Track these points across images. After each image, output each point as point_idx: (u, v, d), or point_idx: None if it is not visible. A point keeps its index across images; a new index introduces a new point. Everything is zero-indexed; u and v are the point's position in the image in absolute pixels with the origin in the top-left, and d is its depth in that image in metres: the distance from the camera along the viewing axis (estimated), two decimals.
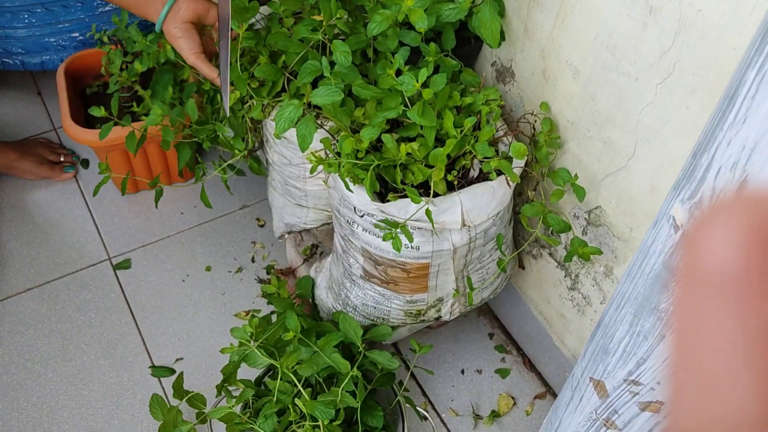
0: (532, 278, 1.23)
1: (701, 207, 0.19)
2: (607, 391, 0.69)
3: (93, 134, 1.37)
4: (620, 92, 0.86)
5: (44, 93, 1.75)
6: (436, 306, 1.10)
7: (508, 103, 1.09)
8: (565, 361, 1.23)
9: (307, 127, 0.91)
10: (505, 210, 1.01)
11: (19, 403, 1.24)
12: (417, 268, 1.02)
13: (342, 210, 1.02)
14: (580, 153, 0.97)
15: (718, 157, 0.48)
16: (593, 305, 1.09)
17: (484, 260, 1.07)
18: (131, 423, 1.23)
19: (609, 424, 0.71)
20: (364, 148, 0.93)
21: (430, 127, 0.91)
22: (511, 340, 1.38)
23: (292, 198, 1.24)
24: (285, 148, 1.14)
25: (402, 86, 0.90)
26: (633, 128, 0.86)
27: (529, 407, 1.29)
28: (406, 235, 0.90)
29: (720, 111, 0.49)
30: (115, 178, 1.52)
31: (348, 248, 1.06)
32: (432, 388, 1.31)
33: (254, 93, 1.01)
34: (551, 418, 0.88)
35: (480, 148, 0.93)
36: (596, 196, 0.98)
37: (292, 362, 1.02)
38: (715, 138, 0.49)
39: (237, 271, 1.44)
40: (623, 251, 0.97)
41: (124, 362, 1.30)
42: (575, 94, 0.94)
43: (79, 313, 1.36)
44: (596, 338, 0.71)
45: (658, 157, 0.85)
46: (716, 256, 0.18)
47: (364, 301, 1.10)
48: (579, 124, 0.95)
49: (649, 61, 0.81)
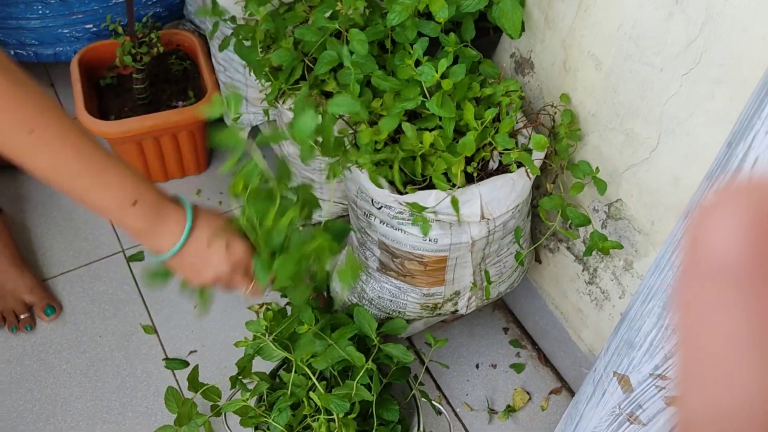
0: (549, 272, 1.22)
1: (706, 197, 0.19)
2: (631, 386, 0.68)
3: (107, 126, 1.36)
4: (644, 83, 0.85)
5: (57, 85, 1.74)
6: (452, 299, 1.09)
7: (527, 95, 1.08)
8: (581, 355, 1.22)
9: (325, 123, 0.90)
10: (524, 203, 1.00)
11: (33, 394, 1.24)
12: (434, 261, 1.01)
13: (359, 202, 1.01)
14: (601, 145, 0.96)
15: (755, 147, 0.47)
16: (612, 300, 1.08)
17: (501, 254, 1.06)
18: (145, 415, 1.23)
19: (633, 419, 0.70)
20: (382, 140, 0.92)
21: (450, 118, 0.90)
22: (526, 334, 1.37)
23: None
24: None
25: (421, 77, 0.89)
26: (657, 119, 0.85)
27: (545, 402, 1.28)
28: (434, 223, 0.90)
29: (757, 99, 0.48)
30: None
31: (365, 241, 1.06)
32: (446, 382, 1.30)
33: (272, 77, 1.00)
34: (571, 413, 0.87)
35: (500, 139, 0.92)
36: (617, 189, 0.96)
37: (306, 355, 1.01)
38: (752, 126, 0.48)
39: None
40: (644, 245, 0.96)
41: (138, 354, 1.30)
42: (597, 85, 0.92)
43: (92, 305, 1.36)
44: (620, 332, 0.70)
45: (682, 149, 0.83)
46: (722, 245, 0.18)
47: (380, 294, 1.09)
48: (600, 115, 0.94)
49: (674, 51, 0.79)
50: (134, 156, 1.45)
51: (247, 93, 1.37)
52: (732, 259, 0.18)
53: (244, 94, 1.38)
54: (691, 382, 0.20)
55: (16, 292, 1.31)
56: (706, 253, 0.18)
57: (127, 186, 0.71)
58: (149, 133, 1.40)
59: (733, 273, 0.18)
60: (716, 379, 0.19)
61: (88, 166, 0.69)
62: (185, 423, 1.04)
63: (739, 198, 0.18)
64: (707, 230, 0.18)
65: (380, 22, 0.99)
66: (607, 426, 0.76)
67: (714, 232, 0.18)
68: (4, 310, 1.31)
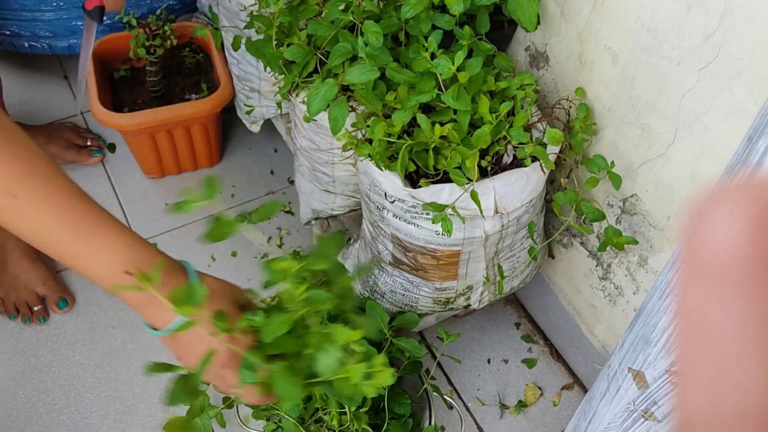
0: (562, 268, 1.21)
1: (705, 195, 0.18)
2: (647, 382, 0.68)
3: (120, 118, 1.37)
4: (661, 76, 0.84)
5: (71, 77, 1.75)
6: (465, 294, 1.09)
7: (542, 88, 1.07)
8: (594, 351, 1.22)
9: (339, 110, 0.90)
10: (538, 197, 0.99)
11: (47, 385, 1.25)
12: (447, 255, 1.01)
13: (372, 196, 1.00)
14: (617, 140, 0.95)
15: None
16: (625, 295, 1.07)
17: (515, 248, 1.05)
18: (157, 406, 1.23)
19: (648, 415, 0.70)
20: (395, 132, 0.92)
21: (465, 111, 0.90)
22: (538, 330, 1.37)
23: (320, 184, 1.23)
24: (314, 132, 1.12)
25: (437, 69, 0.88)
26: (674, 114, 0.84)
27: (557, 398, 1.28)
28: (459, 216, 0.90)
29: None
30: (141, 161, 1.52)
31: (377, 234, 1.05)
32: (458, 377, 1.30)
33: (285, 70, 1.00)
34: (584, 409, 0.86)
35: (515, 133, 0.91)
36: (632, 184, 0.95)
37: None
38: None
39: (262, 257, 1.44)
40: (659, 241, 0.95)
41: (151, 346, 1.30)
42: (613, 78, 0.91)
43: (105, 297, 1.36)
44: (636, 328, 0.69)
45: (699, 144, 0.83)
46: (721, 243, 0.18)
47: (392, 288, 1.09)
48: (616, 109, 0.93)
49: (692, 45, 0.79)
50: (147, 148, 1.46)
51: (260, 86, 1.37)
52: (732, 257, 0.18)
53: (257, 87, 1.38)
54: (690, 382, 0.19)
55: (29, 284, 1.32)
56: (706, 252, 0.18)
57: (119, 254, 0.63)
58: (162, 126, 1.40)
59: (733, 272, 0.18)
60: (716, 379, 0.18)
61: (75, 232, 0.62)
62: (198, 415, 1.04)
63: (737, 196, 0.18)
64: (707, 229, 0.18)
65: (394, 15, 0.98)
66: (621, 422, 0.75)
67: (714, 230, 0.18)
68: (18, 301, 1.32)
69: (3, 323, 1.32)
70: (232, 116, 1.55)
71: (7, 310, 1.31)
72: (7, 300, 1.32)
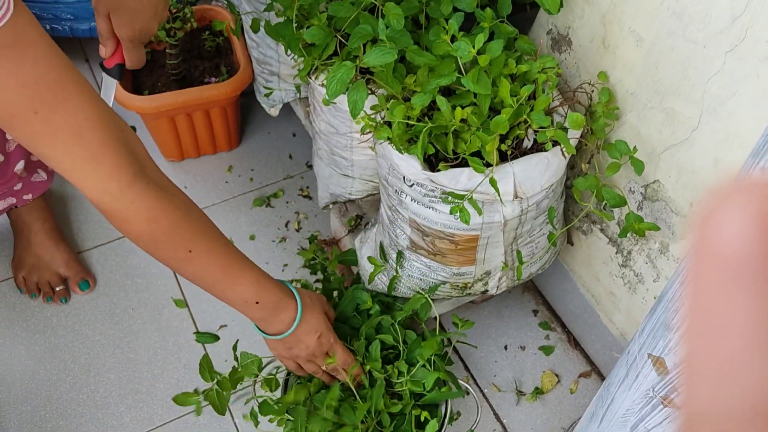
0: (581, 254, 1.20)
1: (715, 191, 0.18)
2: (667, 368, 0.67)
3: (140, 101, 1.37)
4: (686, 60, 0.82)
5: (92, 60, 1.76)
6: (483, 279, 1.08)
7: (564, 72, 1.06)
8: (612, 339, 1.21)
9: (358, 93, 0.90)
10: (558, 182, 0.98)
11: (67, 364, 1.26)
12: (466, 240, 1.00)
13: (390, 179, 1.00)
14: (639, 125, 0.94)
15: None
16: (645, 283, 1.06)
17: (534, 234, 1.05)
18: (176, 387, 1.24)
19: (667, 401, 0.69)
20: (415, 115, 0.91)
21: (485, 95, 0.89)
22: (556, 317, 1.36)
23: (338, 168, 1.23)
24: (332, 116, 1.12)
25: (457, 52, 0.87)
26: (698, 98, 0.83)
27: (574, 385, 1.27)
28: (475, 207, 0.89)
29: None
30: (160, 144, 1.52)
31: (395, 219, 1.05)
32: (474, 363, 1.30)
33: (305, 53, 1.00)
34: (602, 396, 0.86)
35: (536, 117, 0.90)
36: (654, 170, 0.94)
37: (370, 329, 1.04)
38: None
39: (281, 241, 1.44)
40: (681, 227, 0.94)
41: (170, 327, 1.31)
42: (637, 62, 0.90)
43: (126, 278, 1.38)
44: (657, 314, 0.68)
45: (724, 129, 0.81)
46: (730, 240, 0.18)
47: (409, 272, 1.09)
48: (639, 94, 0.92)
49: (718, 27, 0.77)
50: (167, 131, 1.46)
51: (279, 69, 1.37)
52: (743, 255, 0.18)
53: (276, 71, 1.38)
54: (697, 378, 0.19)
55: (52, 265, 1.34)
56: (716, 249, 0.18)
57: (253, 290, 0.89)
58: (182, 109, 1.41)
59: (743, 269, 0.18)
60: (724, 376, 0.18)
61: (227, 276, 0.86)
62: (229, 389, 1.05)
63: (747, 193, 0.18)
64: (717, 226, 0.18)
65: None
66: (639, 409, 0.75)
67: (724, 228, 0.18)
68: (40, 281, 1.33)
69: (25, 303, 1.33)
70: (252, 100, 1.55)
71: (30, 289, 1.33)
72: (29, 280, 1.33)
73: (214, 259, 0.85)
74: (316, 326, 0.96)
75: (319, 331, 0.96)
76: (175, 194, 0.82)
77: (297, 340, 0.95)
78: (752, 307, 0.18)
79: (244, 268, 0.89)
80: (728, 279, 0.18)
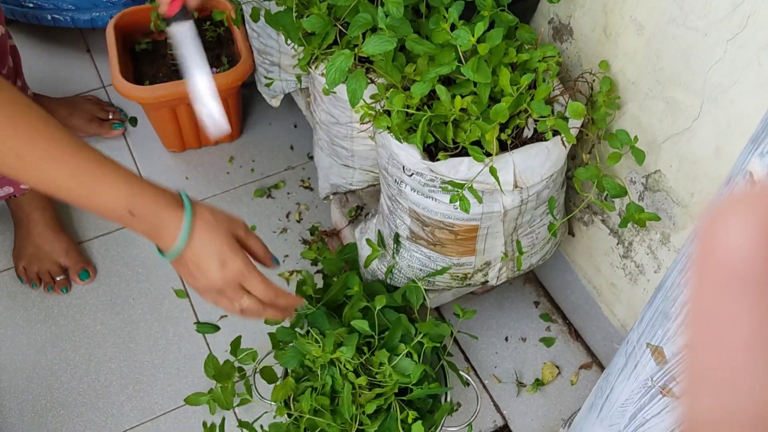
0: (582, 246, 1.20)
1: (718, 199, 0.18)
2: (665, 358, 0.67)
3: (142, 90, 1.37)
4: (687, 49, 0.82)
5: (93, 51, 1.75)
6: (483, 270, 1.08)
7: (565, 62, 1.05)
8: (613, 331, 1.20)
9: (357, 81, 0.89)
10: (558, 172, 0.98)
11: (67, 354, 1.27)
12: (465, 230, 1.00)
13: (390, 169, 1.00)
14: (641, 114, 0.93)
15: None
16: (647, 274, 1.06)
17: (534, 224, 1.04)
18: (176, 377, 1.24)
19: (666, 391, 0.69)
20: (414, 104, 0.90)
21: (485, 83, 0.88)
22: (557, 308, 1.36)
23: (339, 158, 1.23)
24: (333, 106, 1.12)
25: (457, 41, 0.87)
26: (700, 87, 0.82)
27: (574, 377, 1.27)
28: (475, 195, 0.89)
29: None
30: (162, 135, 1.52)
31: (395, 209, 1.05)
32: (475, 354, 1.30)
33: (305, 42, 0.99)
34: (602, 385, 0.86)
35: (536, 106, 0.90)
36: (656, 160, 0.94)
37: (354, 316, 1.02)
38: None
39: (281, 232, 1.44)
40: (682, 218, 0.93)
41: (170, 317, 1.31)
42: (638, 51, 0.89)
43: (126, 268, 1.38)
44: (656, 303, 0.68)
45: (725, 118, 0.81)
46: (734, 248, 0.18)
47: (409, 263, 1.09)
48: (641, 83, 0.91)
49: (719, 15, 0.76)
50: (168, 122, 1.46)
51: (280, 60, 1.37)
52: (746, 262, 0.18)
53: (277, 61, 1.37)
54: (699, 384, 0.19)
55: (52, 255, 1.34)
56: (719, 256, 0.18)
57: (121, 197, 0.71)
58: (182, 99, 1.40)
59: (747, 276, 0.18)
60: (726, 381, 0.18)
61: (80, 183, 0.70)
62: (224, 381, 1.05)
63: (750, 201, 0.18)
64: (721, 234, 0.18)
65: None
66: (638, 398, 0.74)
67: (728, 235, 0.18)
68: (41, 271, 1.33)
69: (26, 293, 1.34)
70: (253, 91, 1.54)
71: (30, 279, 1.33)
72: (30, 270, 1.33)
73: (56, 165, 0.68)
74: (217, 250, 0.77)
75: (223, 257, 0.77)
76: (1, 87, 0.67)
77: (194, 264, 0.77)
78: (756, 315, 0.18)
79: (104, 171, 0.71)
80: (732, 287, 0.18)
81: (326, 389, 0.99)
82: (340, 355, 0.97)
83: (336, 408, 0.98)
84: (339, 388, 0.99)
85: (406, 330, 1.02)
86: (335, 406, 0.99)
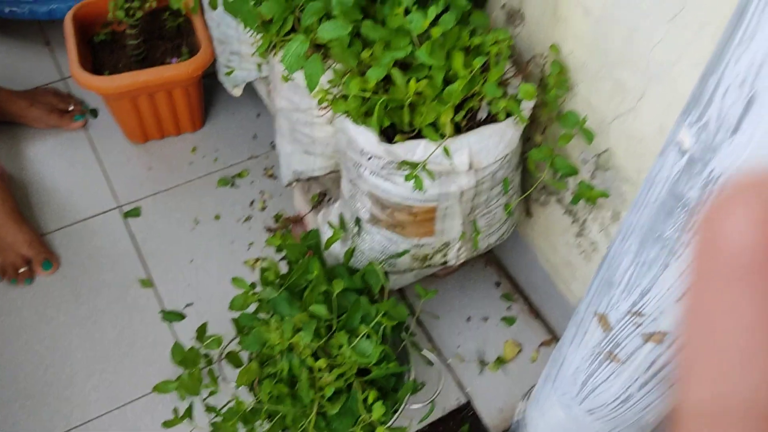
0: (540, 226, 1.23)
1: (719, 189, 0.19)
2: (609, 324, 0.70)
3: (101, 81, 1.37)
4: (631, 30, 0.85)
5: (52, 43, 1.74)
6: (442, 250, 1.10)
7: (518, 46, 1.08)
8: (571, 308, 1.24)
9: (314, 67, 0.91)
10: (513, 153, 1.00)
11: (32, 345, 1.26)
12: (424, 211, 1.02)
13: (349, 153, 1.02)
14: (590, 95, 0.96)
15: (726, 76, 0.48)
16: (600, 251, 1.09)
17: (491, 205, 1.07)
18: (143, 365, 1.25)
19: (612, 357, 0.72)
20: (370, 89, 0.92)
21: (439, 67, 0.90)
22: (517, 288, 1.39)
23: (300, 145, 1.24)
24: (293, 92, 1.13)
25: (411, 24, 0.89)
26: (644, 67, 0.85)
27: (535, 354, 1.31)
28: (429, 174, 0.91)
29: (729, 30, 0.48)
30: (123, 126, 1.52)
31: (355, 192, 1.07)
32: (438, 334, 1.32)
33: (264, 29, 1.01)
34: (555, 357, 0.89)
35: (489, 88, 0.92)
36: (606, 139, 0.97)
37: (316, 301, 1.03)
38: (723, 58, 0.48)
39: (246, 220, 1.45)
40: (631, 194, 0.97)
41: (136, 306, 1.32)
42: (586, 33, 0.92)
43: (90, 260, 1.38)
44: (601, 272, 0.71)
45: (668, 96, 0.84)
46: (735, 237, 0.18)
47: (371, 245, 1.11)
48: (589, 65, 0.94)
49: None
50: (129, 112, 1.46)
51: (240, 48, 1.37)
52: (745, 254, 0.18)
53: (237, 50, 1.38)
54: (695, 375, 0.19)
55: (15, 246, 1.33)
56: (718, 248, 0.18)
57: None
58: (143, 89, 1.41)
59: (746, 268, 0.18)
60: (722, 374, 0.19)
61: None
62: (191, 367, 1.05)
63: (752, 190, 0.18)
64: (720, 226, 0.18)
65: None
66: (588, 366, 0.78)
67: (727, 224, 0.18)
68: (4, 263, 1.33)
69: None
70: (215, 81, 1.55)
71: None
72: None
73: None
74: None
75: None
76: None
77: None
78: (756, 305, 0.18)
79: None
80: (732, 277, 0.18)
81: (284, 375, 1.01)
82: (298, 340, 0.99)
83: (296, 392, 1.00)
84: (297, 373, 1.00)
85: (366, 311, 1.03)
86: (295, 390, 1.01)
